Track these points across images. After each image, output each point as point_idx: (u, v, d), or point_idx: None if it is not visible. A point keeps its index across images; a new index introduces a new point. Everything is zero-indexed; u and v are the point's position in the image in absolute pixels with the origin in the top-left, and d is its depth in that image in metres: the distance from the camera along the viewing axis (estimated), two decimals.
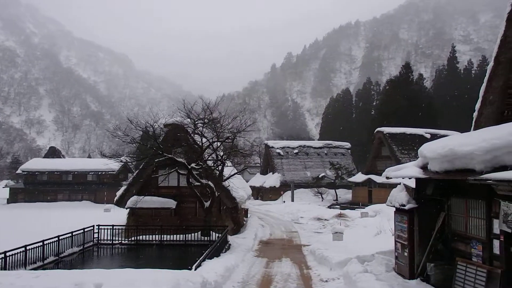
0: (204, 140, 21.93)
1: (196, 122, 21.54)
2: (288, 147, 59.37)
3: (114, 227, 21.46)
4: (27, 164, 66.88)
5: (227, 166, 23.70)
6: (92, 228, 20.70)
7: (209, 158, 22.70)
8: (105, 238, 21.12)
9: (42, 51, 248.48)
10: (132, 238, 21.43)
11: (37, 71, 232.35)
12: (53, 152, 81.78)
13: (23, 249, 14.27)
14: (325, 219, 30.76)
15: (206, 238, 20.48)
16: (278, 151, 58.38)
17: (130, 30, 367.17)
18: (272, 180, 54.71)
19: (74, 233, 18.46)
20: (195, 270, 12.19)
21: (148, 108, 32.07)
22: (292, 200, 47.92)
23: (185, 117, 21.71)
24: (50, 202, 57.50)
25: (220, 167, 22.49)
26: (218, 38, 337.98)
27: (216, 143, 22.22)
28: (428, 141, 14.78)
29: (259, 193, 56.10)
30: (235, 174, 23.42)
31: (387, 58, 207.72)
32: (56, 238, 16.79)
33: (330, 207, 41.27)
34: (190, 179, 21.05)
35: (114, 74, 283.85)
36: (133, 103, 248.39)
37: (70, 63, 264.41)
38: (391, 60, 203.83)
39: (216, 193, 21.42)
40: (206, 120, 21.48)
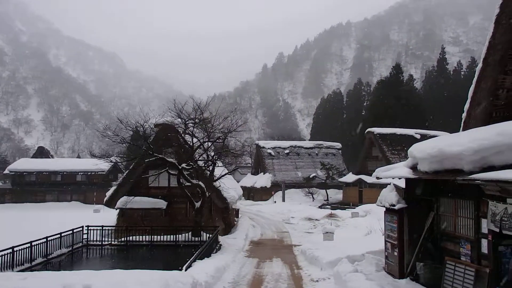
0: (195, 140, 21.85)
1: (186, 122, 21.46)
2: (279, 147, 59.44)
3: (104, 228, 21.30)
4: (14, 164, 66.01)
5: (218, 166, 23.62)
6: (81, 229, 20.52)
7: (200, 158, 22.61)
8: (94, 239, 20.94)
9: (30, 50, 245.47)
10: (122, 239, 21.28)
11: (25, 70, 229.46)
12: (41, 152, 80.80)
13: (10, 250, 14.07)
14: (316, 219, 30.86)
15: (196, 239, 20.40)
16: (269, 151, 58.42)
17: (120, 29, 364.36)
18: (263, 180, 54.72)
19: (62, 234, 18.27)
20: (185, 270, 12.14)
21: (138, 108, 31.80)
22: (283, 200, 47.98)
23: (175, 117, 21.61)
24: (38, 203, 56.88)
25: (211, 167, 22.42)
26: (209, 39, 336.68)
27: (207, 143, 22.15)
28: (418, 141, 14.91)
29: (250, 193, 56.07)
30: (226, 174, 23.39)
31: (378, 59, 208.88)
32: (44, 239, 16.60)
33: (321, 207, 41.43)
34: (181, 180, 20.97)
35: (104, 73, 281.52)
36: (123, 103, 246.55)
37: (59, 62, 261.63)
38: (381, 61, 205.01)
39: (207, 193, 21.35)
40: (197, 120, 21.40)
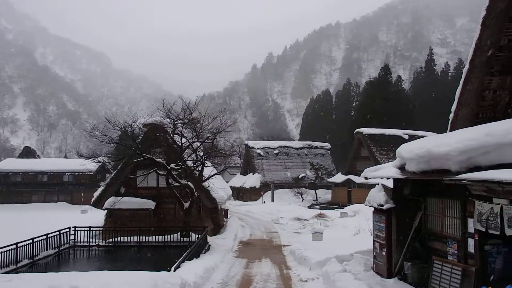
0: (183, 140, 21.77)
1: (175, 122, 21.36)
2: (269, 148, 59.50)
3: (91, 229, 21.09)
4: (0, 164, 65.05)
5: (207, 166, 23.57)
6: (68, 230, 20.28)
7: (188, 159, 22.54)
8: (81, 240, 20.71)
9: (16, 48, 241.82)
10: (110, 240, 21.09)
11: (11, 69, 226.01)
12: (27, 152, 79.70)
13: None
14: (305, 219, 30.93)
15: (185, 239, 20.31)
16: (259, 151, 58.44)
17: (108, 27, 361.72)
18: (252, 180, 54.72)
19: (49, 235, 18.03)
20: (174, 271, 12.08)
21: (127, 108, 31.55)
22: (272, 200, 48.04)
23: (164, 117, 21.51)
24: (24, 203, 56.09)
25: (200, 168, 22.34)
26: (199, 39, 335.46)
27: (196, 143, 22.08)
28: (406, 142, 15.04)
29: (239, 193, 56.03)
30: (215, 174, 23.32)
31: (367, 59, 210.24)
32: (30, 241, 16.36)
33: (310, 207, 41.55)
34: (170, 180, 20.87)
35: (92, 72, 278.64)
36: (111, 102, 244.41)
37: (46, 60, 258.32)
38: (370, 61, 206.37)
39: (195, 193, 21.28)
40: (185, 120, 21.33)
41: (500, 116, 10.15)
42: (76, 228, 20.77)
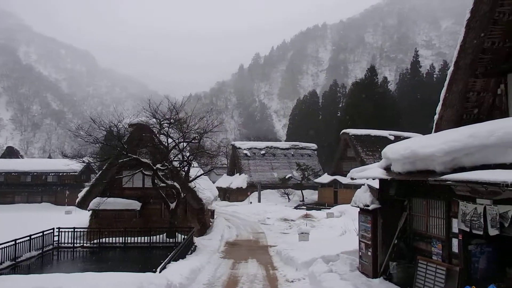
0: (170, 140, 21.62)
1: (162, 122, 21.20)
2: (255, 148, 59.51)
3: (76, 230, 20.77)
4: None
5: (194, 167, 23.45)
6: (52, 231, 19.93)
7: (175, 159, 22.40)
8: (66, 241, 20.37)
9: None
10: (95, 241, 20.80)
11: None
12: (10, 152, 78.35)
13: None
14: (291, 220, 30.99)
15: (171, 240, 20.14)
16: (245, 152, 58.40)
17: (93, 26, 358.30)
18: (239, 181, 54.64)
19: (32, 236, 17.70)
20: (160, 272, 11.98)
21: (112, 108, 31.23)
22: (259, 201, 48.03)
23: (150, 117, 21.34)
24: (7, 204, 55.01)
25: (186, 168, 22.22)
26: (184, 38, 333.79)
27: (182, 143, 21.95)
28: (392, 142, 15.16)
29: (226, 194, 55.91)
30: (201, 175, 23.20)
31: (353, 61, 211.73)
32: (13, 242, 16.02)
33: (296, 208, 41.63)
34: (156, 180, 20.70)
35: (77, 71, 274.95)
36: (96, 102, 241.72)
37: (29, 59, 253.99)
38: (357, 63, 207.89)
39: (182, 194, 21.14)
40: (172, 120, 21.18)
41: (483, 117, 10.30)
42: (60, 229, 20.41)
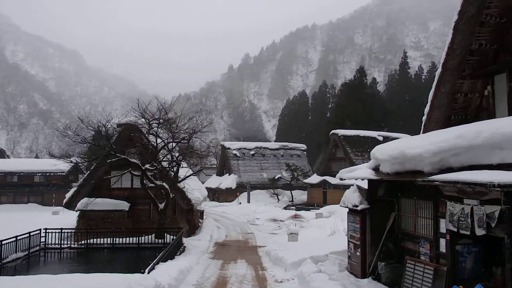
0: (159, 140, 21.50)
1: (150, 122, 21.08)
2: (245, 149, 59.46)
3: (63, 231, 20.53)
4: None
5: (183, 167, 23.35)
6: (38, 231, 19.67)
7: (164, 159, 22.27)
8: (53, 242, 20.11)
9: None
10: (82, 242, 20.58)
11: None
12: None
13: None
14: (280, 220, 31.03)
15: (160, 241, 20.02)
16: (235, 152, 58.33)
17: (81, 25, 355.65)
18: (228, 181, 54.54)
19: (18, 237, 17.44)
20: (148, 273, 11.88)
21: (100, 107, 30.93)
22: (248, 201, 47.98)
23: (139, 117, 21.21)
24: None
25: (175, 168, 22.10)
26: (174, 39, 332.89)
27: (171, 143, 21.84)
28: (380, 143, 15.23)
29: (215, 194, 55.79)
30: (190, 175, 23.11)
31: (342, 61, 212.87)
32: None
33: (285, 208, 41.69)
34: (144, 181, 20.57)
35: (65, 71, 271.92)
36: (84, 102, 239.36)
37: (16, 58, 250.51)
38: (346, 64, 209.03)
39: (171, 194, 21.04)
40: (161, 120, 21.07)
41: (471, 118, 10.41)
42: (47, 230, 20.17)
